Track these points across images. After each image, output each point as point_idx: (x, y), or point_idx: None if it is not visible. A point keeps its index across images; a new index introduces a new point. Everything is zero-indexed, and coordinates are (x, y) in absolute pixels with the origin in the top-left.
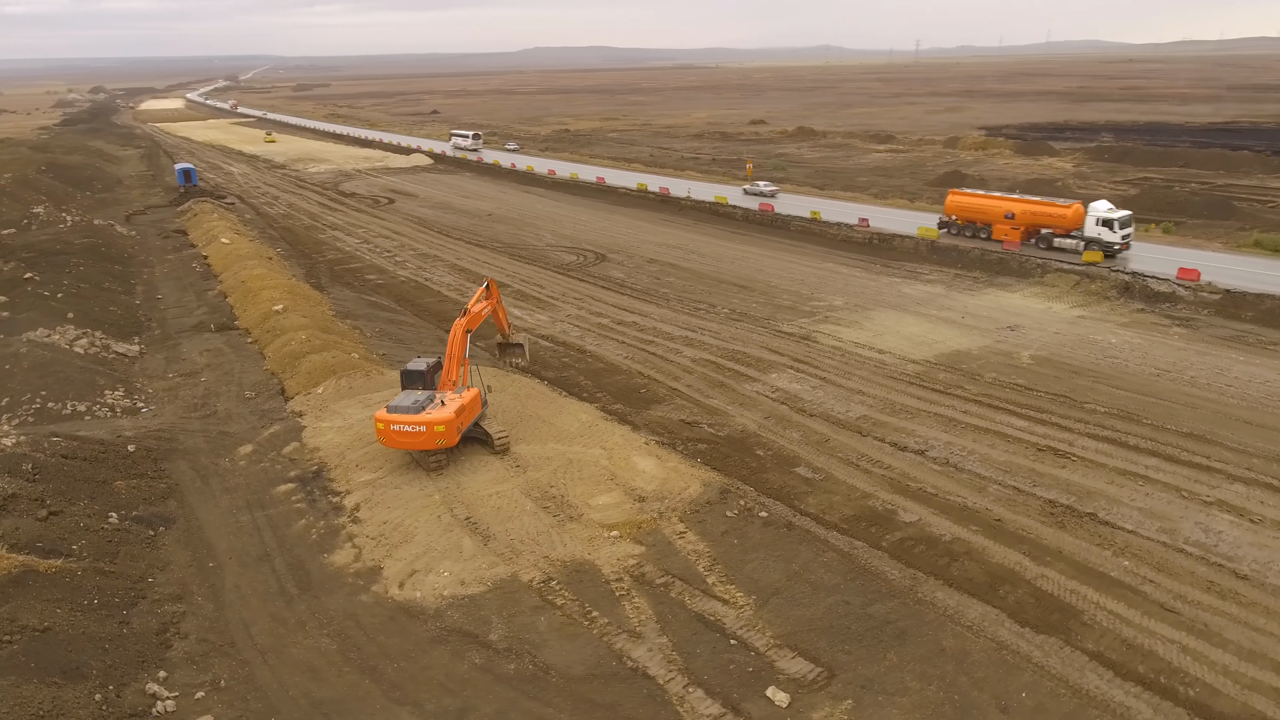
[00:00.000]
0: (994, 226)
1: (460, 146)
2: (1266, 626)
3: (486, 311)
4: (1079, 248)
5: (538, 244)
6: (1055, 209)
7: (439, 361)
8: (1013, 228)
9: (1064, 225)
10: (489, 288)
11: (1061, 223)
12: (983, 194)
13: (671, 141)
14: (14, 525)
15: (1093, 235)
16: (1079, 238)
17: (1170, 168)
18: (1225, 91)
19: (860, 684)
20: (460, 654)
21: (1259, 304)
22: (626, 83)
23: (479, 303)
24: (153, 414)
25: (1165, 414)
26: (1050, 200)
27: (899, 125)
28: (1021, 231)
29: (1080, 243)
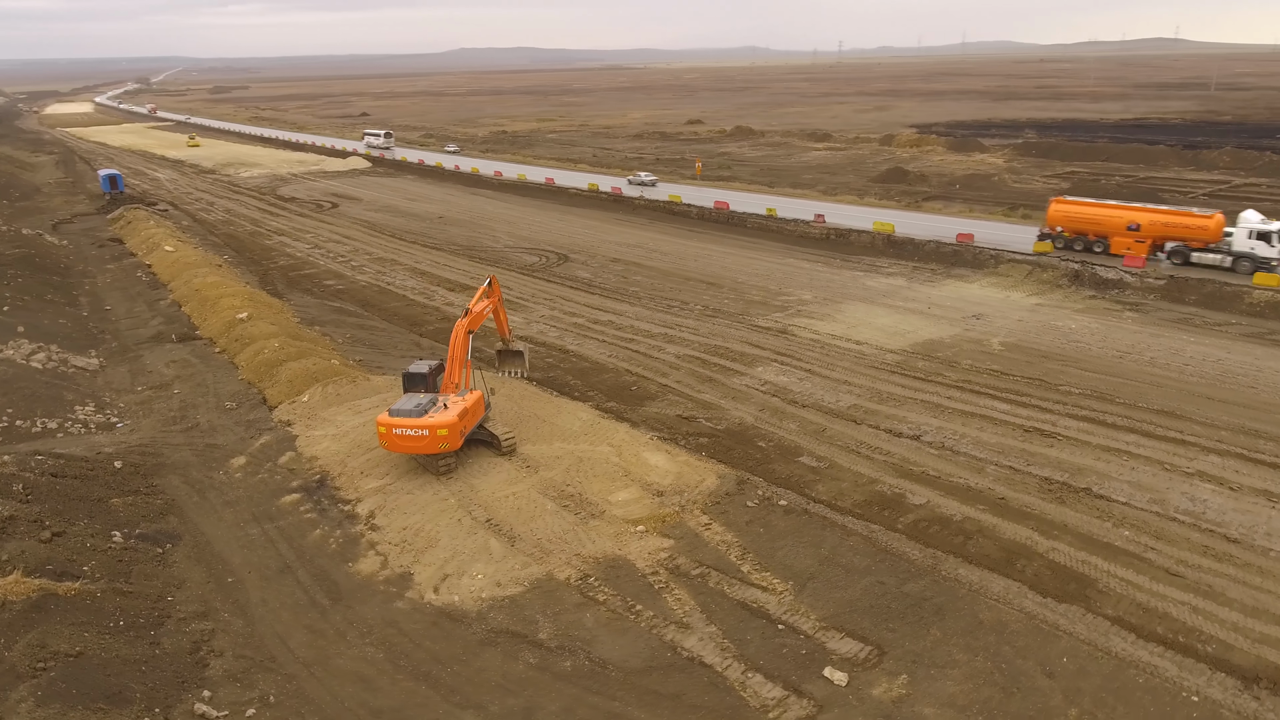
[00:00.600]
0: (1112, 239)
1: (373, 145)
2: (1264, 585)
3: (488, 311)
4: (1225, 263)
5: (495, 245)
6: (1194, 219)
7: (441, 364)
8: (1137, 240)
9: (1204, 237)
10: (490, 285)
11: (1202, 234)
12: (1097, 202)
13: (612, 142)
14: (19, 548)
15: (1243, 250)
16: (1224, 251)
17: (1094, 162)
18: (1132, 90)
19: (910, 659)
20: (513, 654)
21: (1200, 288)
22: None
23: (480, 301)
24: (130, 429)
25: (1134, 393)
26: (1185, 209)
27: (832, 124)
28: (1148, 245)
29: (1226, 258)
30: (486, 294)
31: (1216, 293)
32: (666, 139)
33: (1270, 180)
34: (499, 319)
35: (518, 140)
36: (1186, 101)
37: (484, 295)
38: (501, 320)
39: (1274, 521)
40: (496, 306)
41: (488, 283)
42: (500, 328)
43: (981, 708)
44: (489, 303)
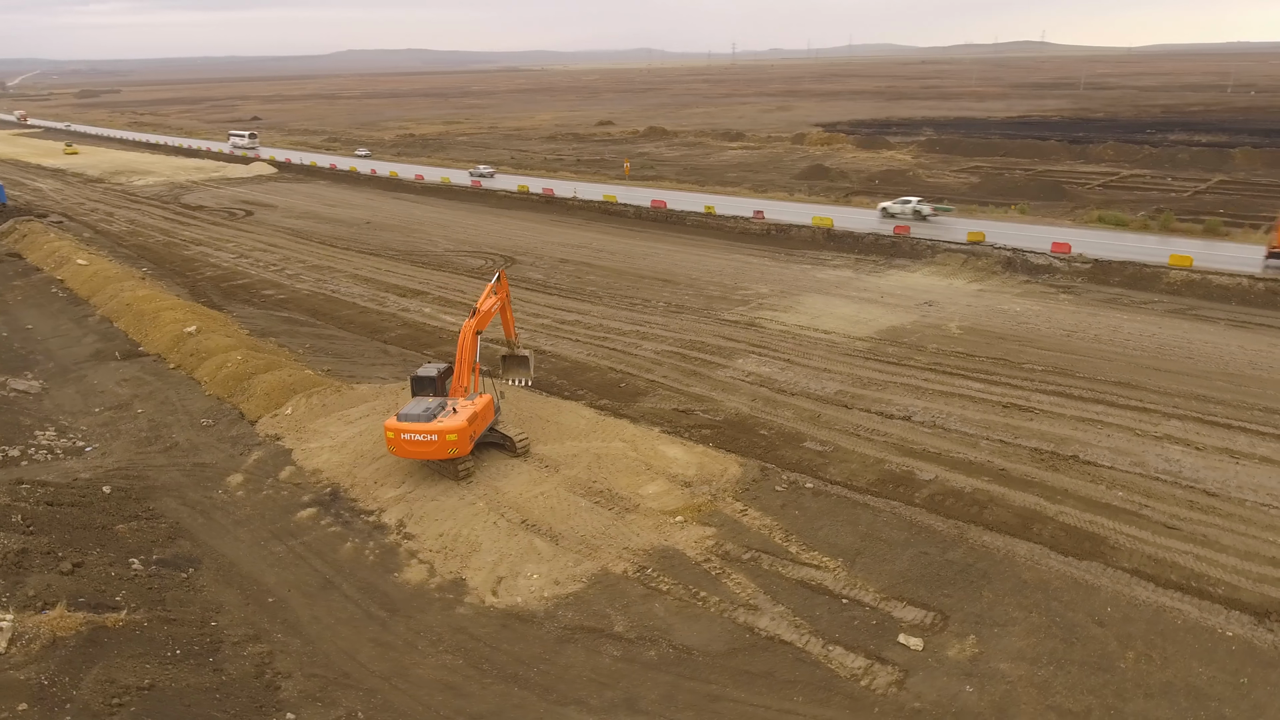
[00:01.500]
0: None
1: (238, 146)
2: (1249, 532)
3: (496, 309)
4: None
5: (435, 250)
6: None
7: (450, 367)
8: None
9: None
10: (499, 280)
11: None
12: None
13: (525, 144)
14: (43, 582)
15: None
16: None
17: (992, 157)
18: (1010, 89)
19: (973, 621)
20: (595, 649)
21: (1122, 270)
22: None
23: (487, 299)
24: (101, 452)
25: (1090, 368)
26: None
27: (739, 124)
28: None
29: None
30: (494, 290)
31: (1137, 274)
32: (581, 140)
33: (1153, 171)
34: (505, 318)
35: (429, 143)
36: (1061, 100)
37: (491, 292)
38: (508, 320)
39: (1241, 475)
40: (504, 303)
41: (496, 278)
42: (506, 328)
43: (1050, 658)
44: (497, 299)
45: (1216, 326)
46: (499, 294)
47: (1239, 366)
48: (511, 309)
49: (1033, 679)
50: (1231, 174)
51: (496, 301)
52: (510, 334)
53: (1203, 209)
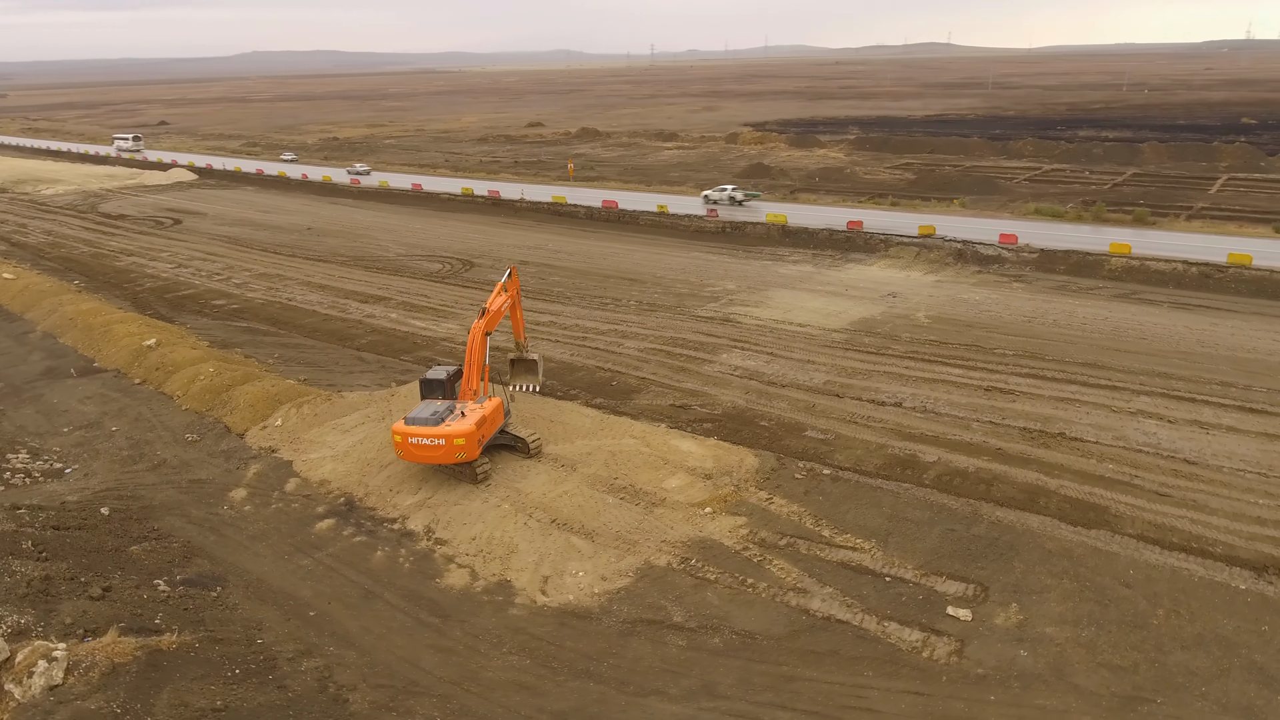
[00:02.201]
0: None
1: (123, 149)
2: (1232, 495)
3: (506, 308)
4: None
5: (387, 255)
6: None
7: (459, 369)
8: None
9: None
10: (510, 277)
11: None
12: None
13: (457, 146)
14: (78, 608)
15: None
16: None
17: (920, 154)
18: (923, 89)
19: (1011, 590)
20: (659, 640)
21: (1067, 259)
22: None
23: (497, 298)
24: (83, 473)
25: (1056, 350)
26: None
27: (669, 124)
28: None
29: None
30: (504, 288)
31: (1081, 262)
32: (514, 142)
33: (1071, 165)
34: (515, 317)
35: (357, 147)
36: (973, 99)
37: (501, 290)
38: (517, 319)
39: (1214, 444)
40: (515, 302)
41: (507, 274)
42: (516, 328)
43: (1089, 620)
44: (507, 298)
45: (1161, 309)
46: (509, 292)
47: (1189, 345)
48: (521, 308)
49: (1078, 640)
50: (1143, 167)
51: (507, 300)
52: (519, 335)
53: (1124, 200)
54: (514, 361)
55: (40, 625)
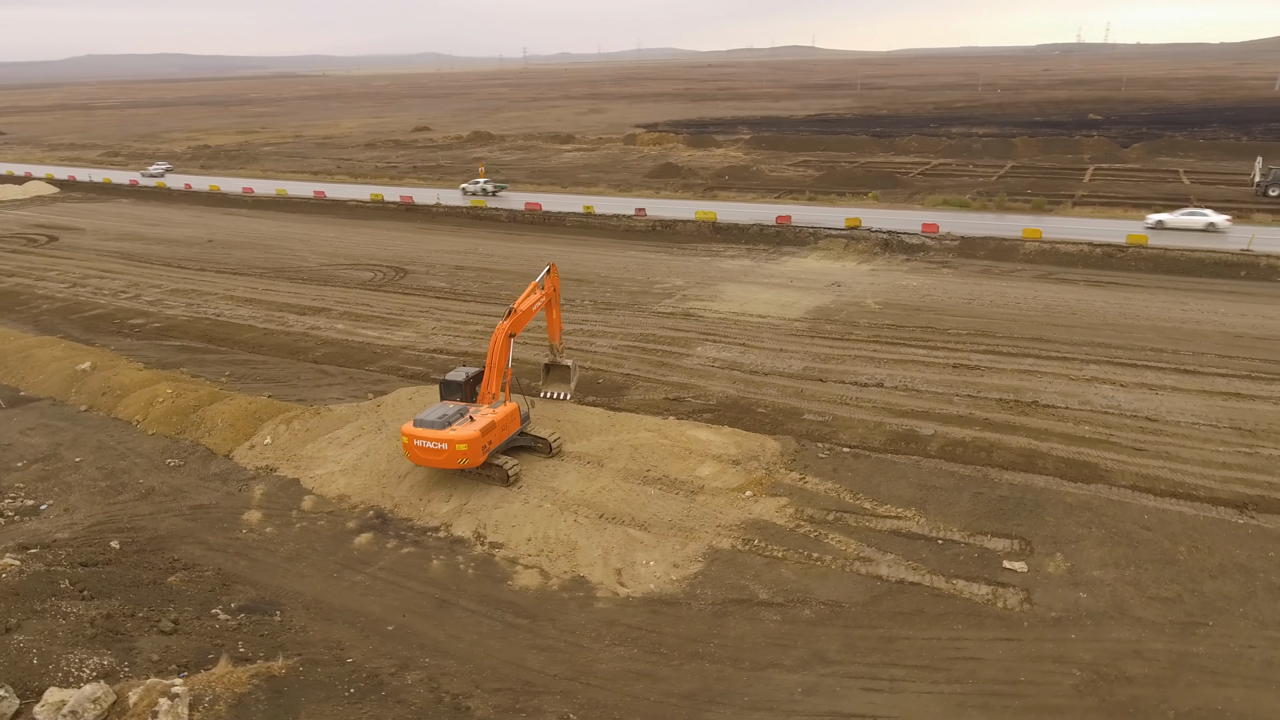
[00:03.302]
0: None
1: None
2: (1196, 445)
3: (539, 306)
4: None
5: (308, 265)
6: None
7: (480, 372)
8: None
9: None
10: (550, 273)
11: None
12: None
13: (345, 152)
14: (157, 644)
15: None
16: None
17: (815, 151)
18: (797, 90)
19: (1051, 542)
20: (754, 618)
21: (986, 244)
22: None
23: (529, 297)
24: (63, 508)
25: (1002, 328)
26: None
27: (560, 126)
28: None
29: None
30: (539, 287)
31: (999, 247)
32: (404, 147)
33: (957, 160)
34: (551, 318)
35: (235, 155)
36: (846, 99)
37: (534, 289)
38: (554, 320)
39: (1164, 403)
40: (551, 301)
41: (545, 271)
42: (551, 329)
43: (1126, 561)
44: (541, 296)
45: (1078, 287)
46: (545, 290)
47: (1114, 318)
48: (559, 308)
49: (1124, 579)
50: (1018, 160)
51: (541, 299)
52: (554, 337)
53: (1011, 190)
54: (548, 367)
55: (125, 665)
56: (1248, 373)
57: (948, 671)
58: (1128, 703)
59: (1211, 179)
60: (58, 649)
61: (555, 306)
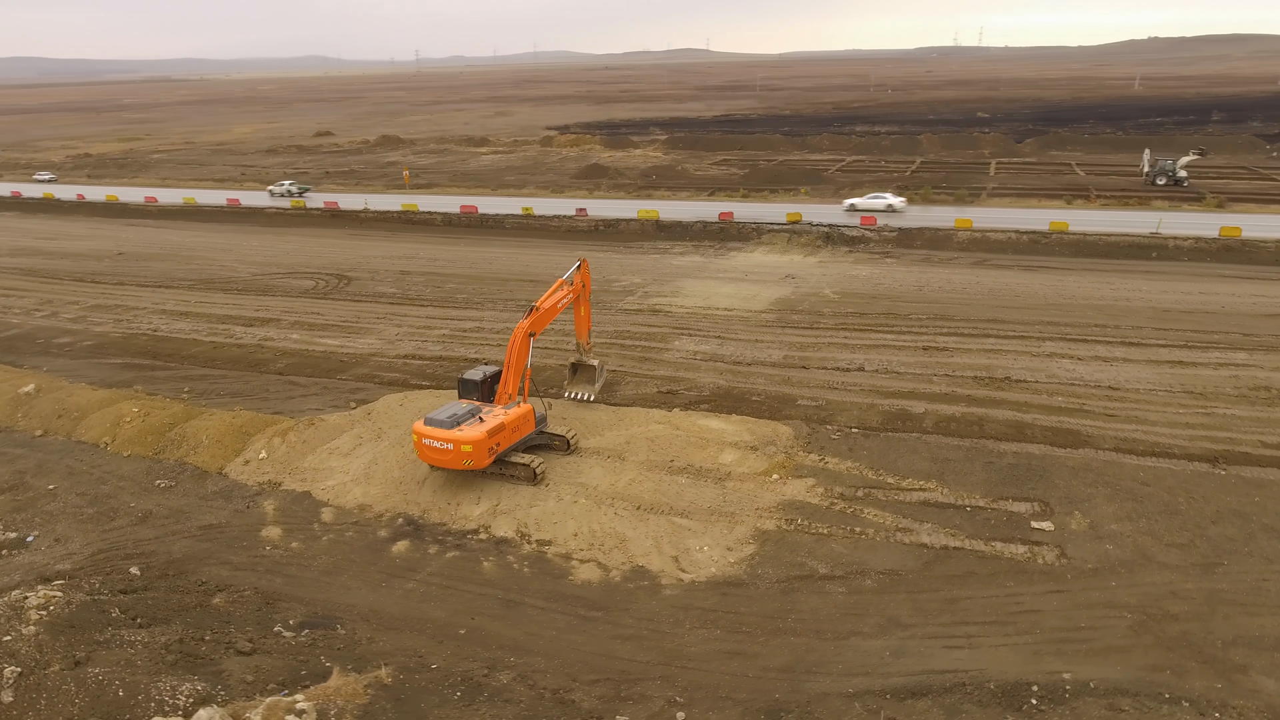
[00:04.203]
0: None
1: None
2: (1156, 408)
3: (565, 304)
4: None
5: (239, 275)
6: None
7: (499, 371)
8: None
9: None
10: (580, 268)
11: None
12: None
13: (246, 159)
14: (246, 665)
15: None
16: None
17: (732, 150)
18: (699, 91)
19: (1066, 502)
20: (821, 591)
21: (922, 235)
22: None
23: (553, 295)
24: (53, 538)
25: (958, 311)
26: None
27: (468, 129)
28: None
29: None
30: (566, 283)
31: (934, 237)
32: (308, 152)
33: (869, 156)
34: (579, 315)
35: (125, 164)
36: (748, 100)
37: (560, 286)
38: (582, 318)
39: (1120, 373)
40: (580, 297)
41: (575, 266)
42: (579, 327)
43: (1137, 514)
44: (568, 292)
45: (1013, 271)
46: (574, 286)
47: (1054, 298)
48: (589, 306)
49: (1140, 530)
50: (925, 155)
51: (567, 296)
52: (581, 335)
53: (925, 183)
54: (574, 366)
55: (219, 689)
56: (1184, 343)
57: (1014, 624)
58: (1179, 637)
59: (1103, 170)
60: (142, 678)
61: (584, 303)
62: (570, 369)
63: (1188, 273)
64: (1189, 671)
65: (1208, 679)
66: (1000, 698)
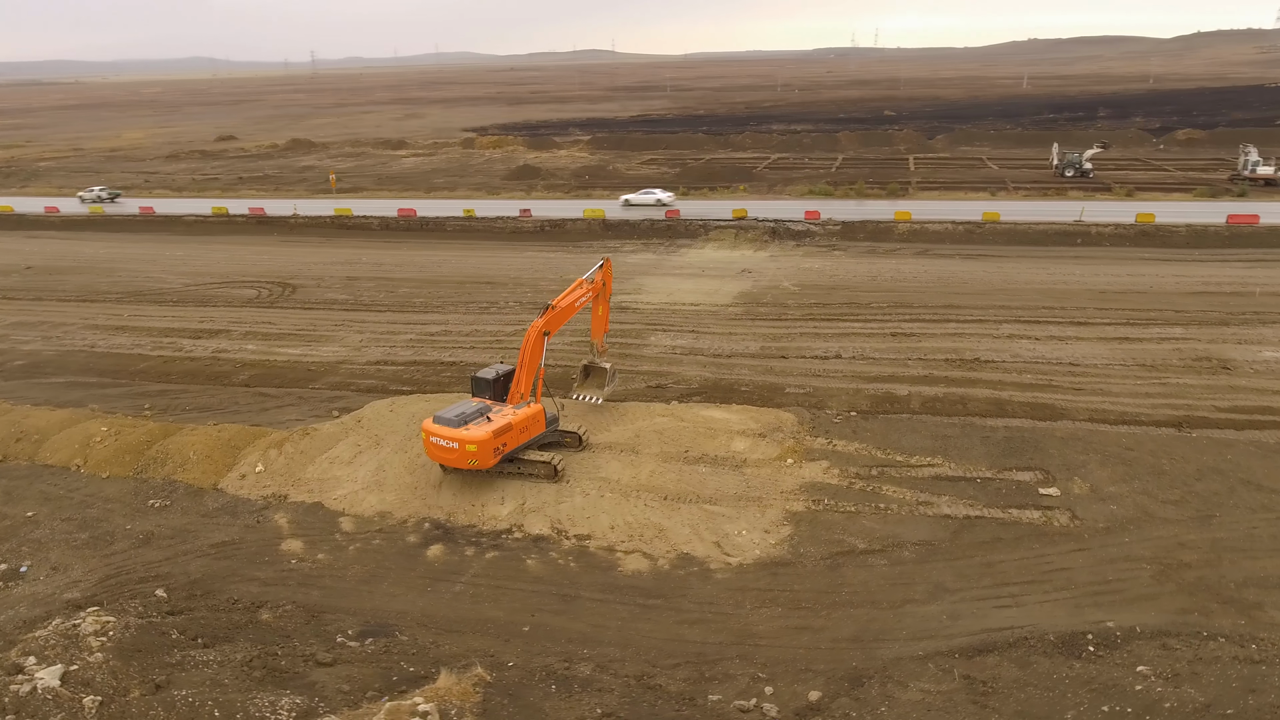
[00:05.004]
0: None
1: None
2: (1116, 381)
3: (583, 303)
4: None
5: (170, 287)
6: None
7: (511, 370)
8: None
9: None
10: (603, 268)
11: None
12: None
13: (146, 165)
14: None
15: None
16: None
17: (657, 150)
18: (610, 92)
19: (1064, 469)
20: (865, 565)
21: (864, 228)
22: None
23: (571, 294)
24: (50, 567)
25: (914, 299)
26: None
27: (381, 132)
28: None
29: None
30: (586, 281)
31: (876, 229)
32: (214, 158)
33: (793, 154)
34: (597, 314)
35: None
36: (661, 100)
37: (579, 285)
38: (599, 317)
39: (1077, 351)
40: (600, 296)
41: (597, 266)
42: (595, 327)
43: (1129, 476)
44: (588, 291)
45: (955, 260)
46: (594, 284)
47: (1000, 284)
48: (608, 306)
49: (1136, 490)
50: (846, 152)
51: (586, 295)
52: (596, 335)
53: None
54: (587, 368)
55: (318, 701)
56: (1125, 320)
57: (1050, 582)
58: (1196, 583)
59: (1015, 164)
60: (235, 696)
61: (603, 303)
62: (582, 371)
63: (1112, 257)
64: (1214, 612)
65: (1231, 617)
66: (1061, 647)
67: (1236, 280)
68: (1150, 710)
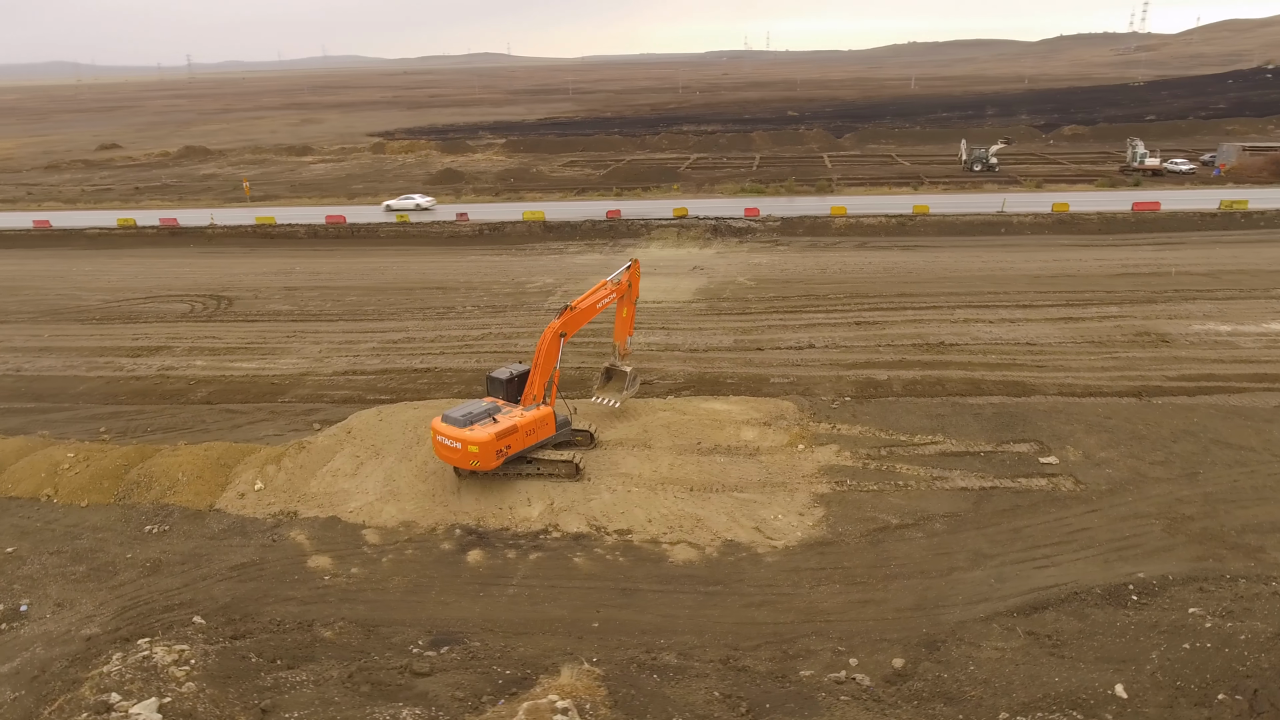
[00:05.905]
0: None
1: None
2: (1073, 358)
3: (605, 305)
4: None
5: (89, 304)
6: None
7: (527, 371)
8: None
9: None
10: (630, 269)
11: None
12: None
13: (25, 176)
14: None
15: None
16: None
17: (575, 152)
18: (511, 95)
19: (1058, 439)
20: (905, 538)
21: (803, 223)
22: None
23: (591, 295)
24: (54, 604)
25: (868, 289)
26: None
27: (279, 138)
28: None
29: None
30: (612, 283)
31: (814, 225)
32: (98, 167)
33: (713, 154)
34: (621, 317)
35: None
36: (566, 103)
37: (602, 286)
38: (624, 319)
39: (1031, 331)
40: (625, 298)
41: (624, 267)
42: (618, 329)
43: (1115, 442)
44: (611, 292)
45: (894, 251)
46: (618, 286)
47: (942, 272)
48: (634, 307)
49: (1124, 454)
50: (762, 151)
51: (610, 296)
52: (619, 337)
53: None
54: (608, 371)
55: (436, 710)
56: (1065, 302)
57: (1075, 542)
58: (1203, 532)
59: (924, 160)
60: (351, 714)
61: (629, 305)
62: (603, 374)
63: (1036, 244)
64: (1225, 557)
65: (1241, 560)
66: (1108, 599)
67: (1152, 262)
68: (1228, 643)
